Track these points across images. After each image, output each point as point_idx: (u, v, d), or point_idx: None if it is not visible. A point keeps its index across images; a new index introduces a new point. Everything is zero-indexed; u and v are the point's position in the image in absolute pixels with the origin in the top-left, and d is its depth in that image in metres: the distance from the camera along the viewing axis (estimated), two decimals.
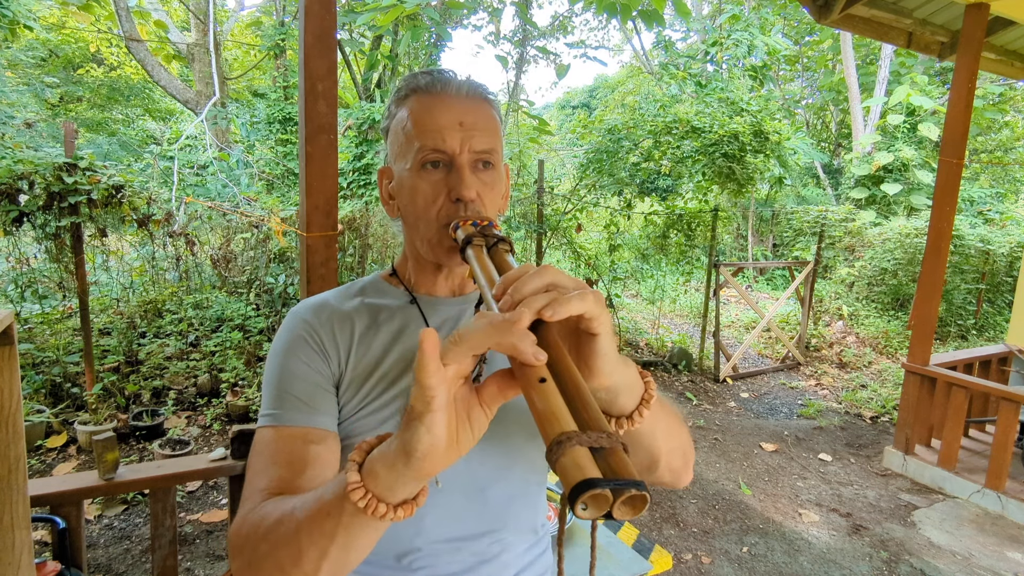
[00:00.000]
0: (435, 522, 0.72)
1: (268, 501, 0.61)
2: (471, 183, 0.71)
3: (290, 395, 0.69)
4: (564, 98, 23.03)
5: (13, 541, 1.05)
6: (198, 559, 2.59)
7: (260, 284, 4.77)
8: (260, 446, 0.68)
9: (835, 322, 7.22)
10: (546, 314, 0.44)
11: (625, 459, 0.38)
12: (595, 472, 0.36)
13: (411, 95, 0.75)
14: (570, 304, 0.45)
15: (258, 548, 0.57)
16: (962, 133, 3.52)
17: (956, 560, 2.89)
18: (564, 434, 0.38)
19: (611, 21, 12.37)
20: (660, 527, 3.06)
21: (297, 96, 2.42)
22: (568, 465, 0.37)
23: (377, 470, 0.47)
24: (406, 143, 0.73)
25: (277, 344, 0.74)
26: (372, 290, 0.81)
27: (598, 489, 0.35)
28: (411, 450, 0.44)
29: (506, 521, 0.75)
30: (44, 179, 3.22)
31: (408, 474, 0.46)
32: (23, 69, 9.47)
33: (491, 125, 0.75)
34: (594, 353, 0.49)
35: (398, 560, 0.72)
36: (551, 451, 0.38)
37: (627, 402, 0.56)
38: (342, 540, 0.51)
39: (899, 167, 8.69)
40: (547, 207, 5.71)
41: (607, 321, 0.49)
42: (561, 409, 0.40)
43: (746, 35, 7.93)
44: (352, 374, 0.73)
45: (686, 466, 0.72)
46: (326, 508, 0.51)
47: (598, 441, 0.38)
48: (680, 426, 0.69)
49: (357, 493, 0.47)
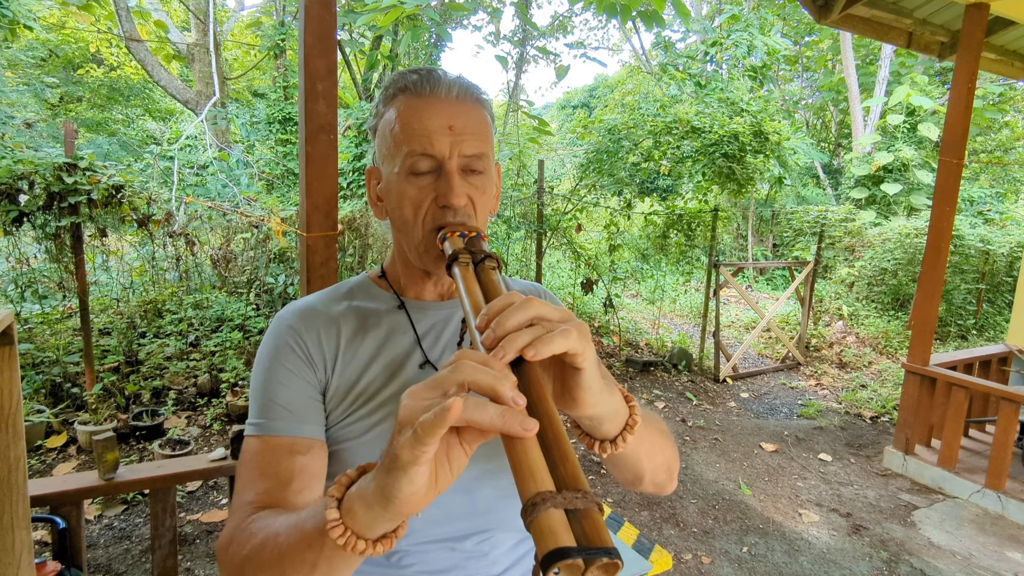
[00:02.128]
0: (424, 523, 0.72)
1: (254, 517, 0.61)
2: (460, 190, 0.69)
3: (276, 404, 0.69)
4: (564, 98, 23.03)
5: (13, 541, 1.05)
6: (198, 559, 2.59)
7: (260, 284, 4.77)
8: (247, 456, 0.68)
9: (835, 322, 7.22)
10: (528, 353, 0.44)
11: (599, 522, 0.39)
12: (569, 538, 0.37)
13: (399, 95, 0.72)
14: (553, 343, 0.45)
15: (244, 569, 0.57)
16: (962, 133, 3.52)
17: (956, 560, 2.89)
18: (539, 495, 0.38)
19: (611, 21, 12.36)
20: (660, 527, 3.06)
21: (297, 96, 2.42)
22: (543, 530, 0.37)
23: (356, 509, 0.47)
24: (394, 146, 0.71)
25: (263, 351, 0.74)
26: (360, 293, 0.80)
27: (570, 559, 0.36)
28: (390, 496, 0.44)
29: (494, 521, 0.75)
30: (44, 179, 3.22)
31: (386, 516, 0.46)
32: (23, 69, 9.47)
33: (482, 128, 0.73)
34: (578, 386, 0.49)
35: (387, 558, 0.72)
36: (526, 511, 0.38)
37: (611, 428, 0.56)
38: (324, 569, 0.51)
39: (899, 167, 8.69)
40: (547, 207, 5.71)
41: (591, 356, 0.49)
42: (538, 463, 0.40)
43: (745, 35, 7.93)
44: (338, 381, 0.72)
45: (670, 478, 0.73)
46: (307, 539, 0.51)
47: (573, 503, 0.39)
48: (665, 441, 0.69)
49: (336, 531, 0.47)
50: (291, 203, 5.53)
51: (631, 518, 3.12)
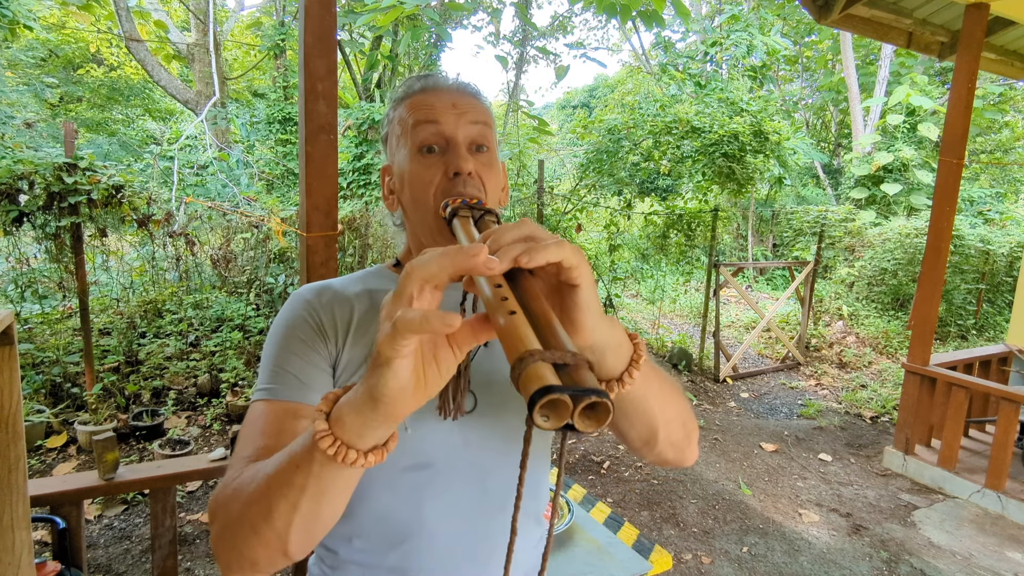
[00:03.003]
0: (435, 509, 0.72)
1: (248, 467, 0.60)
2: (468, 158, 0.73)
3: (286, 372, 0.70)
4: (564, 98, 23.04)
5: (13, 541, 1.05)
6: (198, 559, 2.59)
7: (260, 284, 4.77)
8: (251, 417, 0.68)
9: (835, 322, 7.22)
10: (522, 260, 0.43)
11: (588, 374, 0.38)
12: (556, 382, 0.36)
13: (407, 96, 0.79)
14: (547, 251, 0.44)
15: (230, 509, 0.57)
16: (962, 133, 3.52)
17: (956, 560, 2.89)
18: (528, 352, 0.37)
19: (611, 21, 12.37)
20: (660, 527, 3.06)
21: (297, 96, 2.42)
22: (530, 377, 0.36)
23: (344, 417, 0.47)
24: (403, 135, 0.77)
25: (278, 322, 0.75)
26: (375, 278, 0.82)
27: (556, 394, 0.35)
28: (378, 395, 0.44)
29: (506, 507, 0.75)
30: (44, 179, 3.22)
31: (376, 419, 0.45)
32: (23, 69, 9.47)
33: (483, 112, 0.78)
34: (576, 306, 0.48)
35: (399, 545, 0.72)
36: (514, 369, 0.37)
37: (615, 362, 0.55)
38: (313, 491, 0.50)
39: (899, 167, 8.69)
40: (547, 207, 5.71)
41: (587, 272, 0.48)
42: (528, 335, 0.39)
43: (745, 35, 7.93)
44: (349, 355, 0.73)
45: (688, 439, 0.71)
46: (295, 460, 0.50)
47: (562, 359, 0.38)
48: (677, 395, 0.68)
49: (326, 441, 0.46)
50: (291, 203, 5.54)
51: (631, 518, 3.13)
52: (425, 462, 0.71)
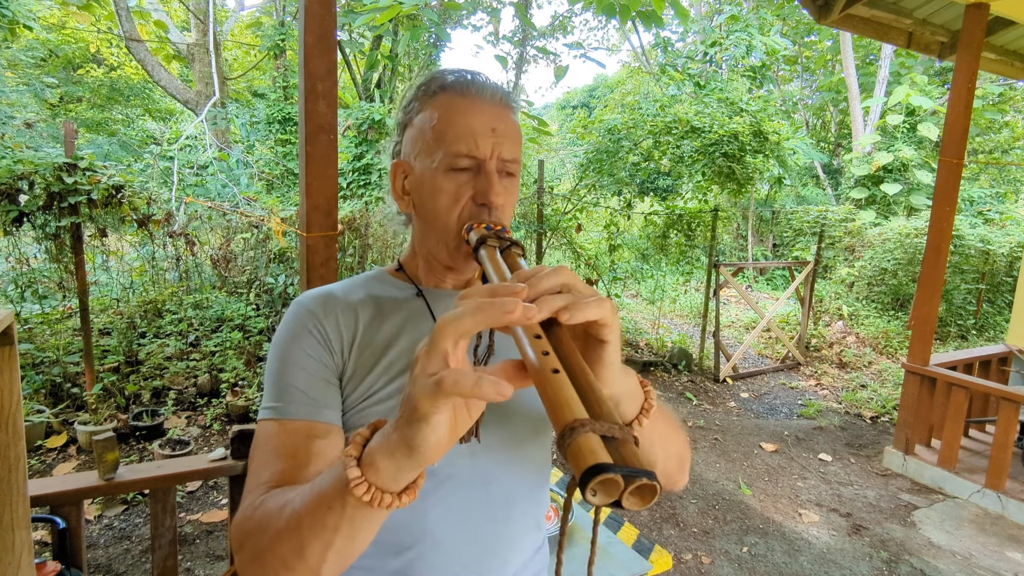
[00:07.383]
0: (439, 516, 0.72)
1: (269, 494, 0.60)
2: (500, 192, 0.71)
3: (293, 388, 0.69)
4: (564, 98, 23.05)
5: (13, 541, 1.05)
6: (198, 559, 2.59)
7: (260, 284, 4.77)
8: (262, 439, 0.68)
9: (835, 322, 7.22)
10: (563, 316, 0.44)
11: (636, 451, 0.38)
12: (607, 459, 0.36)
13: (440, 93, 0.74)
14: (588, 308, 0.45)
15: (260, 542, 0.57)
16: (962, 133, 3.52)
17: (956, 560, 2.89)
18: (577, 421, 0.38)
19: (610, 21, 12.37)
20: (660, 527, 3.06)
21: (297, 96, 2.42)
22: (581, 449, 0.36)
23: (378, 463, 0.47)
24: (433, 141, 0.72)
25: (280, 334, 0.73)
26: (378, 283, 0.81)
27: (610, 474, 0.35)
28: (415, 446, 0.44)
29: (509, 515, 0.75)
30: (44, 179, 3.22)
31: (411, 465, 0.46)
32: (23, 69, 9.46)
33: (518, 135, 0.75)
34: (600, 361, 0.49)
35: (403, 552, 0.72)
36: (563, 437, 0.38)
37: (628, 411, 0.56)
38: (347, 532, 0.51)
39: (899, 167, 8.69)
40: (547, 207, 5.71)
41: (618, 329, 0.48)
42: (574, 399, 0.40)
43: (744, 35, 7.93)
44: (355, 365, 0.72)
45: (681, 470, 0.73)
46: (327, 502, 0.51)
47: (610, 431, 0.38)
48: (677, 432, 0.70)
49: (360, 488, 0.47)
50: (291, 203, 5.53)
51: (631, 518, 3.13)
52: (430, 470, 0.71)
